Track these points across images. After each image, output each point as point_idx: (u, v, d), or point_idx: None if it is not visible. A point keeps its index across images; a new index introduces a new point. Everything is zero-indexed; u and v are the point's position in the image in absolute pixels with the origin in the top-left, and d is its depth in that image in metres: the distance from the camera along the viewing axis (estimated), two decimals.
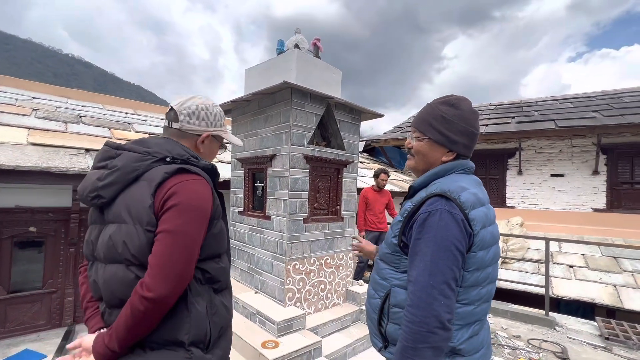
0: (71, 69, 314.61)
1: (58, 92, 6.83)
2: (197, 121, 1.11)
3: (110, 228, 0.95)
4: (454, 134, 1.04)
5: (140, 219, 0.91)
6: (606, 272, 5.53)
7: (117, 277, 0.92)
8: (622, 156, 7.32)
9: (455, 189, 0.94)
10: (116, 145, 1.02)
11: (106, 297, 0.95)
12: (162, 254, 0.88)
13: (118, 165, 0.96)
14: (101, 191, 0.95)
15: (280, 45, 3.28)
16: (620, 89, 9.79)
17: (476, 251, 0.92)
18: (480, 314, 0.98)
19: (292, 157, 2.84)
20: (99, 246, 0.96)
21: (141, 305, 0.85)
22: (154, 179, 0.94)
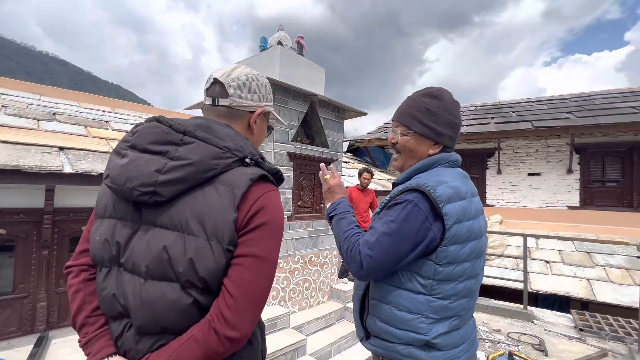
0: (45, 67, 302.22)
1: (30, 88, 6.54)
2: (249, 94, 0.90)
3: (163, 236, 0.73)
4: (439, 125, 1.02)
5: (219, 234, 0.71)
6: (580, 267, 5.75)
7: (167, 299, 0.71)
8: (593, 155, 7.65)
9: (432, 182, 0.93)
10: (182, 129, 0.77)
11: (141, 321, 0.73)
12: (249, 283, 0.71)
13: (192, 158, 0.73)
14: (161, 187, 0.72)
15: (264, 42, 3.25)
16: (591, 91, 10.24)
17: (447, 245, 0.90)
18: (458, 309, 0.96)
19: (275, 155, 2.81)
20: (136, 254, 0.74)
21: (222, 345, 0.69)
22: (238, 186, 0.74)
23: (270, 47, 3.13)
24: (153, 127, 0.78)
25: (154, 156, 0.75)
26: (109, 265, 0.78)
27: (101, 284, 0.78)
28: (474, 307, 1.05)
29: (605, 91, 10.01)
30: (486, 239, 1.05)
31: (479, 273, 1.02)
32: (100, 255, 0.79)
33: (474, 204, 0.99)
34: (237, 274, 0.71)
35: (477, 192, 1.07)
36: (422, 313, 0.93)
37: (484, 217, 1.05)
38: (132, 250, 0.75)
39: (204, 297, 0.72)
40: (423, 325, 0.93)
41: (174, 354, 0.70)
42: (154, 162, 0.73)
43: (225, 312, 0.69)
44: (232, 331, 0.68)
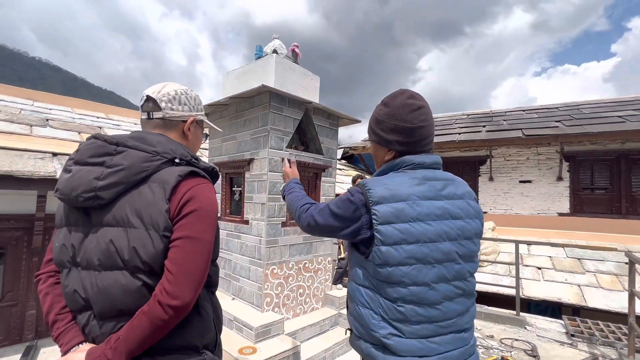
0: (38, 73, 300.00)
1: (23, 94, 6.50)
2: (179, 106, 1.04)
3: (109, 232, 0.86)
4: (386, 133, 1.06)
5: (155, 224, 0.84)
6: (571, 273, 5.82)
7: (119, 285, 0.84)
8: (583, 163, 7.81)
9: (372, 184, 0.98)
10: (115, 141, 0.90)
11: (100, 307, 0.85)
12: (185, 260, 0.84)
13: (124, 164, 0.87)
14: (101, 192, 0.85)
15: (259, 50, 3.30)
16: (579, 101, 10.49)
17: (379, 245, 0.93)
18: (410, 315, 0.93)
19: (270, 161, 2.84)
20: (88, 251, 0.87)
21: (165, 314, 0.81)
22: (168, 182, 0.87)
23: (266, 56, 3.18)
24: (91, 143, 0.92)
25: (93, 167, 0.88)
26: (68, 266, 0.91)
27: (64, 283, 0.91)
28: (451, 324, 0.97)
29: (594, 101, 10.26)
30: (459, 246, 0.99)
31: (436, 282, 0.95)
32: (59, 259, 0.92)
33: (424, 207, 0.96)
34: (173, 254, 0.84)
35: (460, 194, 1.04)
36: (374, 309, 0.97)
37: (456, 222, 0.99)
38: (85, 249, 0.88)
39: (150, 280, 0.85)
40: (374, 321, 0.96)
41: (126, 327, 0.82)
42: (93, 172, 0.87)
43: (166, 286, 0.82)
44: (173, 300, 0.81)
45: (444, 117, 12.26)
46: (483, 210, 8.84)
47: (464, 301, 1.00)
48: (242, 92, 2.89)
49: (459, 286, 0.99)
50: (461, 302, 1.00)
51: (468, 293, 1.02)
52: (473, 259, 1.03)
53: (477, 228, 1.03)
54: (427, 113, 1.05)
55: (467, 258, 1.01)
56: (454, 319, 0.98)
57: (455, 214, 1.00)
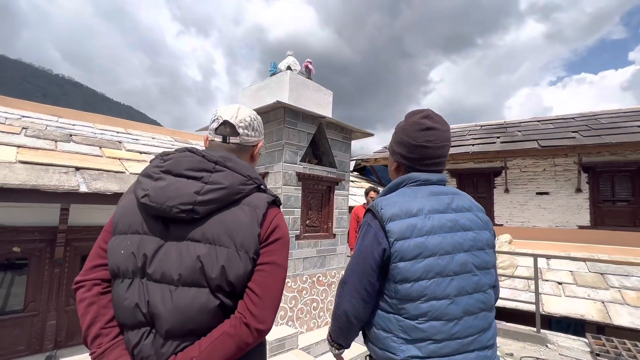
0: (61, 89, 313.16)
1: (48, 110, 6.81)
2: (253, 132, 1.08)
3: (197, 247, 0.84)
4: (394, 144, 1.13)
5: (247, 245, 0.86)
6: (594, 289, 5.60)
7: (198, 303, 0.81)
8: (602, 175, 7.60)
9: (382, 203, 1.01)
10: (214, 159, 0.92)
11: (171, 324, 0.80)
12: (270, 285, 0.87)
13: (225, 183, 0.89)
14: (199, 206, 0.85)
15: (273, 67, 3.39)
16: (596, 111, 10.28)
17: (396, 262, 0.94)
18: (431, 332, 0.92)
19: (284, 175, 2.88)
20: (167, 264, 0.83)
21: (252, 336, 0.82)
22: (259, 207, 0.91)
23: (280, 72, 3.26)
24: (188, 156, 0.92)
25: (190, 180, 0.88)
26: (132, 276, 0.85)
27: (123, 294, 0.84)
28: (474, 341, 0.95)
29: (612, 110, 10.04)
30: (473, 257, 0.99)
31: (456, 296, 0.94)
32: (124, 267, 0.85)
33: (436, 220, 0.97)
34: (261, 278, 0.86)
35: (468, 207, 1.05)
36: (393, 332, 0.96)
37: (468, 234, 1.00)
38: (161, 261, 0.84)
39: (228, 300, 0.84)
40: (394, 344, 0.95)
41: (208, 348, 0.80)
42: (192, 185, 0.87)
43: (253, 309, 0.83)
44: (260, 324, 0.82)
45: (457, 129, 12.19)
46: (499, 222, 8.66)
47: (486, 316, 0.99)
48: (258, 107, 2.96)
49: (480, 299, 0.98)
50: (483, 317, 0.98)
51: (489, 307, 1.01)
52: (489, 270, 1.02)
53: (488, 239, 1.04)
54: (437, 135, 1.06)
55: (482, 269, 1.00)
56: (476, 335, 0.96)
57: (466, 226, 1.01)
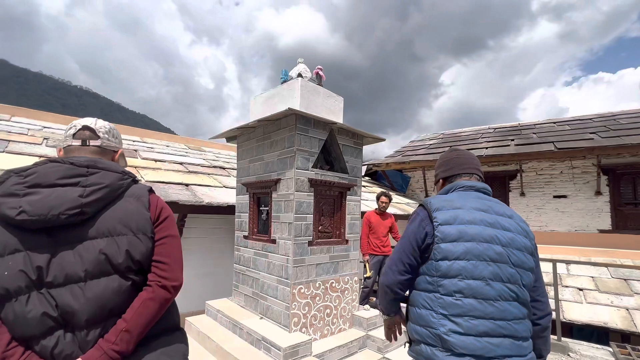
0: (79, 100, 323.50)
1: (68, 121, 7.04)
2: (113, 139, 1.21)
3: (95, 243, 0.96)
4: (435, 171, 1.46)
5: (143, 228, 1.03)
6: (617, 295, 5.40)
7: (111, 288, 0.96)
8: (623, 177, 7.36)
9: (432, 200, 1.21)
10: (84, 164, 1.02)
11: (90, 314, 0.92)
12: (174, 253, 1.08)
13: (105, 182, 1.01)
14: (87, 207, 0.96)
15: (284, 74, 3.43)
16: (615, 111, 9.98)
17: (439, 243, 1.10)
18: (469, 308, 1.03)
19: (297, 181, 2.90)
20: (67, 267, 0.92)
21: (169, 294, 1.03)
22: (142, 196, 1.08)
23: (291, 79, 3.30)
24: (55, 166, 0.99)
25: (67, 188, 0.96)
26: (27, 291, 0.89)
27: (24, 310, 0.88)
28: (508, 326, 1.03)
29: (631, 110, 9.74)
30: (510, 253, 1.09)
31: (492, 280, 1.05)
32: (15, 287, 0.88)
33: (477, 215, 1.13)
34: (164, 249, 1.06)
35: (509, 215, 1.18)
36: (433, 308, 1.09)
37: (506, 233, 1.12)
38: (60, 266, 0.92)
39: (137, 277, 1.01)
40: (434, 320, 1.07)
41: (135, 316, 0.96)
42: (72, 191, 0.96)
43: (165, 273, 1.03)
44: (174, 282, 1.04)
45: (470, 132, 12.03)
46: None
47: (519, 307, 1.07)
48: (270, 115, 3.00)
49: (512, 290, 1.06)
50: (516, 306, 1.06)
51: (522, 301, 1.08)
52: (525, 270, 1.10)
53: (526, 244, 1.13)
54: (462, 152, 1.38)
55: (519, 267, 1.09)
56: (511, 321, 1.04)
57: (505, 227, 1.13)
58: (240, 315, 3.20)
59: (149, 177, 4.13)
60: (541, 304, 1.17)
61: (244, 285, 3.52)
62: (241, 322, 3.03)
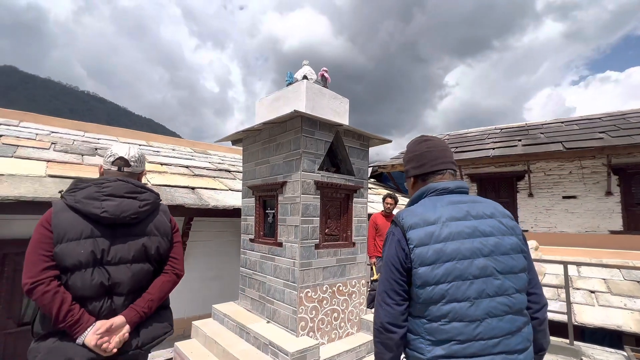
0: (86, 105, 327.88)
1: (75, 126, 7.11)
2: (140, 164, 1.62)
3: (140, 239, 1.42)
4: (405, 164, 1.33)
5: (166, 234, 1.53)
6: (631, 297, 5.28)
7: (144, 270, 1.43)
8: (634, 176, 7.23)
9: (403, 214, 1.12)
10: (140, 185, 1.50)
11: (131, 286, 1.39)
12: (180, 253, 1.61)
13: (151, 199, 1.49)
14: (141, 214, 1.44)
15: (290, 76, 3.42)
16: (625, 110, 9.82)
17: (417, 267, 1.02)
18: (454, 333, 0.97)
19: (303, 183, 2.87)
20: (121, 252, 1.37)
21: (178, 279, 1.57)
22: (167, 212, 1.60)
23: (296, 82, 3.29)
24: (123, 184, 1.43)
25: (130, 199, 1.42)
26: (92, 266, 1.31)
27: (89, 277, 1.30)
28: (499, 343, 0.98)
29: None
30: (495, 261, 1.02)
31: (477, 298, 0.98)
32: (86, 261, 1.30)
33: (453, 227, 1.04)
34: (177, 249, 1.59)
35: (490, 214, 1.09)
36: (420, 334, 1.03)
37: (489, 239, 1.03)
38: (116, 250, 1.36)
39: (157, 266, 1.51)
40: (422, 345, 1.02)
41: (156, 290, 1.46)
42: (134, 202, 1.42)
43: (176, 265, 1.57)
44: (181, 272, 1.59)
45: (476, 132, 11.92)
46: (523, 228, 8.34)
47: (512, 319, 1.01)
48: (275, 117, 2.99)
49: (503, 302, 1.00)
50: (509, 320, 1.00)
51: (516, 310, 1.02)
52: (516, 275, 1.04)
53: (513, 244, 1.06)
54: (433, 142, 1.24)
55: (507, 274, 1.03)
56: (501, 337, 0.98)
57: (486, 232, 1.05)
58: (247, 319, 3.17)
59: (155, 181, 4.14)
60: (536, 297, 1.11)
61: (250, 289, 3.50)
62: (248, 326, 3.00)
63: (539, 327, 1.11)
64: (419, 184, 1.23)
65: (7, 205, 2.77)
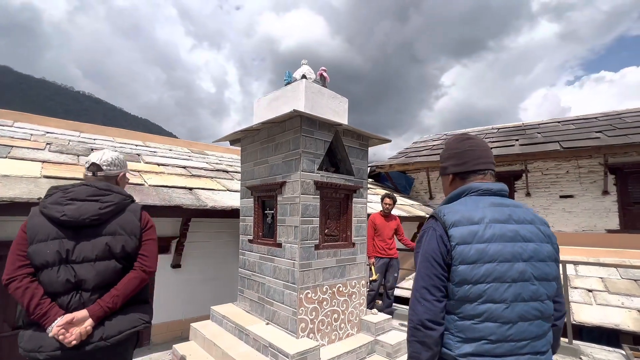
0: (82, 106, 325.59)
1: (71, 126, 7.03)
2: (115, 167, 1.73)
3: (104, 239, 1.51)
4: (443, 162, 1.29)
5: (134, 233, 1.59)
6: (628, 296, 5.31)
7: (110, 268, 1.51)
8: (631, 176, 7.27)
9: (445, 210, 1.10)
10: (104, 188, 1.59)
11: (95, 283, 1.47)
12: (152, 250, 1.64)
13: (114, 201, 1.57)
14: (102, 216, 1.52)
15: (288, 76, 3.39)
16: (620, 110, 9.89)
17: (456, 265, 1.02)
18: (486, 333, 0.98)
19: (302, 184, 2.85)
20: (86, 251, 1.47)
21: (146, 275, 1.59)
22: (137, 211, 1.65)
23: (295, 81, 3.26)
24: (85, 188, 1.55)
25: (92, 202, 1.52)
26: (58, 264, 1.44)
27: (55, 275, 1.43)
28: (527, 345, 1.00)
29: (637, 109, 9.65)
30: (532, 267, 1.03)
31: (513, 301, 0.99)
32: (52, 260, 1.43)
33: (497, 229, 1.04)
34: (146, 247, 1.62)
35: (530, 220, 1.09)
36: (450, 330, 1.04)
37: (529, 245, 1.04)
38: (80, 250, 1.47)
39: (127, 264, 1.57)
40: (450, 341, 1.03)
41: (123, 286, 1.52)
42: (95, 205, 1.52)
43: (144, 262, 1.59)
44: (150, 268, 1.61)
45: (472, 132, 11.95)
46: None
47: (541, 324, 1.03)
48: (274, 117, 2.96)
49: (536, 307, 1.02)
50: (538, 324, 1.03)
51: (546, 316, 1.05)
52: (549, 282, 1.06)
53: (549, 252, 1.07)
54: (476, 142, 1.23)
55: (542, 280, 1.04)
56: (530, 340, 1.01)
57: (527, 237, 1.05)
58: (246, 321, 3.14)
59: (152, 182, 4.09)
60: (559, 305, 1.13)
61: (249, 290, 3.47)
62: (247, 327, 2.97)
63: (557, 335, 1.14)
64: (458, 182, 1.22)
65: (1, 207, 2.72)
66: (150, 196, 3.48)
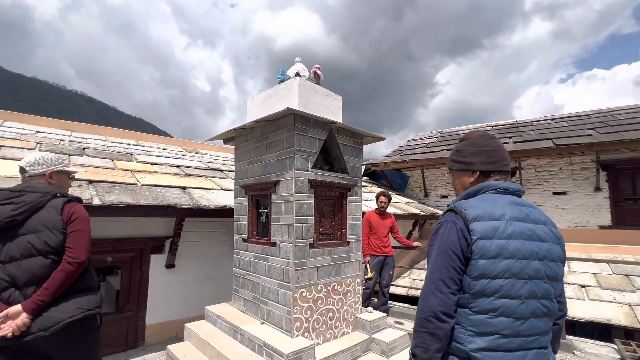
0: (74, 105, 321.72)
1: (62, 125, 6.94)
2: (38, 167, 1.80)
3: (26, 237, 1.61)
4: (467, 157, 1.25)
5: (56, 227, 1.64)
6: (620, 291, 5.38)
7: (37, 264, 1.60)
8: (622, 172, 7.35)
9: (465, 204, 1.11)
10: (18, 190, 1.69)
11: (26, 279, 1.58)
12: (78, 241, 1.67)
13: (28, 200, 1.65)
14: (16, 217, 1.61)
15: (282, 74, 3.37)
16: (612, 107, 10.00)
17: (477, 259, 1.03)
18: (500, 327, 1.00)
19: (296, 182, 2.83)
20: (11, 251, 1.59)
21: (73, 267, 1.61)
22: (57, 206, 1.68)
23: (289, 79, 3.24)
24: (1, 193, 1.66)
25: (5, 205, 1.63)
26: None
27: None
28: (535, 340, 1.04)
29: (629, 106, 9.76)
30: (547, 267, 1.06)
31: (527, 298, 1.02)
32: None
33: (516, 227, 1.06)
34: (72, 239, 1.66)
35: (544, 220, 1.13)
36: (462, 324, 1.05)
37: (543, 245, 1.08)
38: (7, 251, 1.60)
39: (56, 257, 1.64)
40: (462, 335, 1.04)
41: (51, 281, 1.57)
42: (7, 207, 1.62)
43: (70, 254, 1.62)
44: (76, 259, 1.62)
45: (467, 130, 12.00)
46: None
47: (547, 321, 1.07)
48: (268, 115, 2.94)
49: (545, 305, 1.06)
50: (545, 321, 1.06)
51: (552, 314, 1.08)
52: (557, 282, 1.10)
53: (559, 253, 1.12)
54: (500, 143, 1.26)
55: (552, 279, 1.08)
56: (538, 335, 1.04)
57: (542, 237, 1.09)
58: (241, 321, 3.13)
59: (146, 181, 4.05)
60: (562, 305, 1.17)
61: (244, 290, 3.45)
62: (242, 327, 2.96)
63: (558, 333, 1.17)
64: (480, 179, 1.22)
65: None
66: (143, 196, 3.44)
